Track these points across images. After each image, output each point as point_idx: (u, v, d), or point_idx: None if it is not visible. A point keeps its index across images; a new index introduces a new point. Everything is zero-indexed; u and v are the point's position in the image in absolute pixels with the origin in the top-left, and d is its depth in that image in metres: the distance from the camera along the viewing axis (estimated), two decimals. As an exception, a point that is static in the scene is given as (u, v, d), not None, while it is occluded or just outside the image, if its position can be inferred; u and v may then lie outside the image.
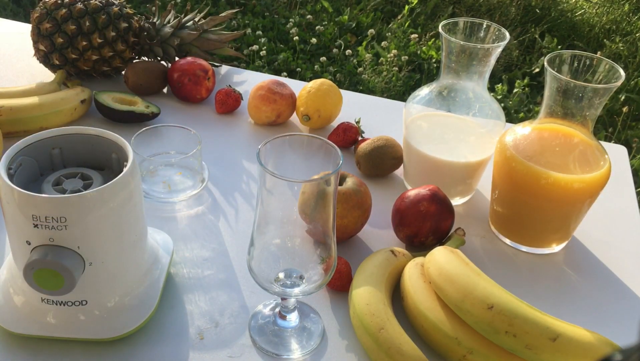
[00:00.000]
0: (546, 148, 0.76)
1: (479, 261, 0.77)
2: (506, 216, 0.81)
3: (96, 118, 0.99)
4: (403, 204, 0.77)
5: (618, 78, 0.71)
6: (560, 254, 0.81)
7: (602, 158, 0.75)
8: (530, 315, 0.60)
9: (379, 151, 0.89)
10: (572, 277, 0.78)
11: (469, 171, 0.84)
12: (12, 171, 0.61)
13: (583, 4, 3.06)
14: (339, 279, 0.70)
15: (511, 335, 0.59)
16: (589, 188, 0.73)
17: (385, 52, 2.47)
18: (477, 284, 0.63)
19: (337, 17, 2.75)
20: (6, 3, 2.57)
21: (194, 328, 0.66)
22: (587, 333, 0.60)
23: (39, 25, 1.01)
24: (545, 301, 0.73)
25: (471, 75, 0.80)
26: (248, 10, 2.76)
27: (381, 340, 0.62)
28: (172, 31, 1.07)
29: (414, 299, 0.66)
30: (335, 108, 1.00)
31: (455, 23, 0.80)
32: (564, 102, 0.72)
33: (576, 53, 0.74)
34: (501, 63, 2.58)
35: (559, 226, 0.78)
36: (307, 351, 0.65)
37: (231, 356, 0.64)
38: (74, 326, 0.62)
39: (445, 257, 0.67)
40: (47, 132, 0.65)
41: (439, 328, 0.63)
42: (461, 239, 0.76)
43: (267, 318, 0.67)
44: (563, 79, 0.70)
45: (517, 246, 0.81)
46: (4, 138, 0.89)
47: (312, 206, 0.57)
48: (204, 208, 0.83)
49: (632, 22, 2.93)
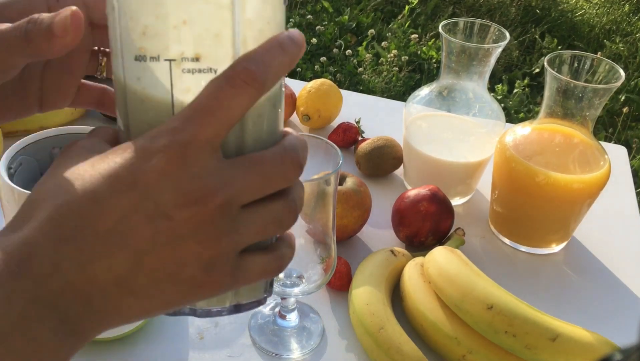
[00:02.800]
0: (546, 148, 0.76)
1: (479, 261, 0.77)
2: (506, 216, 0.81)
3: (96, 118, 0.99)
4: (403, 204, 0.77)
5: (618, 78, 0.71)
6: (560, 254, 0.81)
7: (602, 158, 0.75)
8: (529, 315, 0.60)
9: (379, 151, 0.89)
10: (571, 277, 0.78)
11: (469, 171, 0.84)
12: (12, 171, 0.61)
13: (583, 5, 3.06)
14: (338, 279, 0.70)
15: (511, 335, 0.59)
16: (588, 188, 0.73)
17: (385, 53, 2.47)
18: (477, 284, 0.63)
19: (337, 17, 2.75)
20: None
21: (194, 328, 0.66)
22: (586, 333, 0.60)
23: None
24: (544, 301, 0.73)
25: (471, 75, 0.80)
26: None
27: (381, 340, 0.62)
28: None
29: (414, 299, 0.66)
30: (335, 108, 1.00)
31: (456, 23, 0.80)
32: (564, 103, 0.72)
33: (576, 53, 0.74)
34: (501, 63, 2.58)
35: (559, 227, 0.78)
36: (307, 351, 0.65)
37: (231, 356, 0.64)
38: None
39: (445, 257, 0.67)
40: (48, 132, 0.65)
41: (439, 328, 0.63)
42: (461, 239, 0.76)
43: (267, 318, 0.67)
44: (563, 80, 0.70)
45: (517, 246, 0.81)
46: (4, 138, 0.89)
47: (312, 206, 0.57)
48: (204, 208, 0.83)
49: (632, 23, 2.93)
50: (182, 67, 0.32)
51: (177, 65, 0.32)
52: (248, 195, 0.32)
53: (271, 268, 0.35)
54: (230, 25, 0.32)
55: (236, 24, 0.32)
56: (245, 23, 0.32)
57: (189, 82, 0.32)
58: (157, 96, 0.32)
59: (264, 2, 0.33)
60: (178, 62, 0.32)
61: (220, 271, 0.32)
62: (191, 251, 0.31)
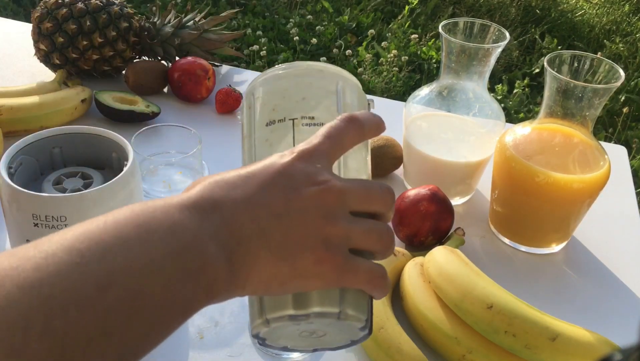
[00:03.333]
0: (546, 148, 0.76)
1: (479, 261, 0.77)
2: (506, 216, 0.81)
3: (96, 117, 0.99)
4: (403, 204, 0.77)
5: (618, 78, 0.71)
6: (559, 254, 0.81)
7: (601, 158, 0.75)
8: (529, 314, 0.60)
9: (379, 151, 0.89)
10: (571, 277, 0.78)
11: (469, 171, 0.85)
12: (12, 170, 0.61)
13: (583, 5, 3.06)
14: (338, 278, 0.70)
15: (511, 335, 0.59)
16: (588, 188, 0.73)
17: (385, 53, 2.47)
18: (477, 284, 0.63)
19: (337, 17, 2.75)
20: (6, 3, 2.57)
21: (194, 327, 0.66)
22: (586, 332, 0.60)
23: (40, 25, 1.01)
24: (544, 301, 0.73)
25: (471, 75, 0.80)
26: (248, 10, 2.76)
27: (381, 340, 0.62)
28: (173, 31, 1.07)
29: (414, 299, 0.66)
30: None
31: (456, 23, 0.80)
32: (563, 103, 0.72)
33: (576, 53, 0.74)
34: (501, 63, 2.58)
35: (559, 226, 0.78)
36: (307, 351, 0.65)
37: (231, 356, 0.64)
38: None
39: (445, 257, 0.67)
40: (48, 132, 0.65)
41: (439, 328, 0.63)
42: (461, 239, 0.76)
43: (267, 318, 0.67)
44: (563, 80, 0.70)
45: (517, 246, 0.81)
46: (4, 137, 0.89)
47: None
48: (204, 208, 0.83)
49: (632, 23, 2.93)
50: (301, 123, 0.44)
51: (297, 123, 0.44)
52: (356, 201, 0.40)
53: (375, 273, 0.40)
54: (335, 103, 0.45)
55: (339, 102, 0.45)
56: (346, 103, 0.46)
57: (306, 134, 0.43)
58: (281, 147, 0.43)
59: (358, 96, 0.48)
60: (299, 121, 0.44)
61: (335, 251, 0.38)
62: (315, 223, 0.38)
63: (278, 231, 0.38)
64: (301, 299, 0.40)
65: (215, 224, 0.37)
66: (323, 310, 0.40)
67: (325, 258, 0.38)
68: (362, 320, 0.41)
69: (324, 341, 0.44)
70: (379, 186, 0.42)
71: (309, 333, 0.43)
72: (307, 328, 0.42)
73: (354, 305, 0.41)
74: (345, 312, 0.40)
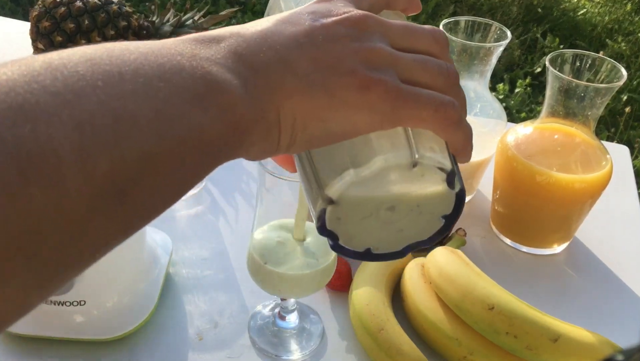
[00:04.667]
0: (548, 148, 0.75)
1: (480, 261, 0.77)
2: (507, 216, 0.80)
3: (96, 117, 0.98)
4: (403, 204, 0.77)
5: (620, 78, 0.70)
6: (561, 254, 0.80)
7: (604, 158, 0.74)
8: (531, 315, 0.60)
9: (380, 150, 0.88)
10: (573, 278, 0.77)
11: (470, 171, 0.84)
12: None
13: (585, 4, 3.05)
14: (339, 279, 0.70)
15: (512, 336, 0.59)
16: (590, 188, 0.73)
17: (386, 52, 2.46)
18: (478, 285, 0.63)
19: (338, 16, 2.74)
20: (4, 1, 2.57)
21: (193, 329, 0.66)
22: (588, 333, 0.60)
23: (38, 24, 1.00)
24: (546, 301, 0.72)
25: (472, 74, 0.79)
26: (248, 9, 2.76)
27: (381, 340, 0.61)
28: (172, 30, 1.07)
29: (414, 299, 0.66)
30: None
31: (457, 22, 0.80)
32: (565, 102, 0.72)
33: (578, 52, 0.74)
34: (503, 63, 2.58)
35: (561, 227, 0.78)
36: (307, 352, 0.64)
37: (230, 357, 0.63)
38: (72, 327, 0.62)
39: (446, 257, 0.67)
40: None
41: (439, 329, 0.63)
42: (462, 240, 0.76)
43: (267, 319, 0.67)
44: (565, 79, 0.70)
45: (518, 246, 0.80)
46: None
47: None
48: (203, 208, 0.82)
49: (634, 22, 2.92)
50: None
51: None
52: (396, 33, 0.34)
53: (444, 101, 0.34)
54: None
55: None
56: None
57: None
58: None
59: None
60: None
61: (382, 73, 0.32)
62: (347, 47, 0.33)
63: (303, 59, 0.32)
64: (359, 153, 0.33)
65: (220, 52, 0.31)
66: (389, 157, 0.33)
67: (370, 81, 0.32)
68: (445, 165, 0.34)
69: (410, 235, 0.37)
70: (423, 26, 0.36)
71: (384, 223, 0.35)
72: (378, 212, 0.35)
73: (427, 147, 0.33)
74: (422, 154, 0.33)
